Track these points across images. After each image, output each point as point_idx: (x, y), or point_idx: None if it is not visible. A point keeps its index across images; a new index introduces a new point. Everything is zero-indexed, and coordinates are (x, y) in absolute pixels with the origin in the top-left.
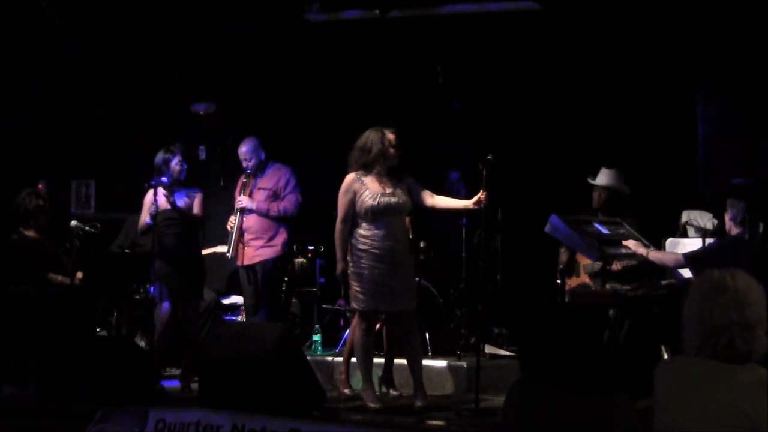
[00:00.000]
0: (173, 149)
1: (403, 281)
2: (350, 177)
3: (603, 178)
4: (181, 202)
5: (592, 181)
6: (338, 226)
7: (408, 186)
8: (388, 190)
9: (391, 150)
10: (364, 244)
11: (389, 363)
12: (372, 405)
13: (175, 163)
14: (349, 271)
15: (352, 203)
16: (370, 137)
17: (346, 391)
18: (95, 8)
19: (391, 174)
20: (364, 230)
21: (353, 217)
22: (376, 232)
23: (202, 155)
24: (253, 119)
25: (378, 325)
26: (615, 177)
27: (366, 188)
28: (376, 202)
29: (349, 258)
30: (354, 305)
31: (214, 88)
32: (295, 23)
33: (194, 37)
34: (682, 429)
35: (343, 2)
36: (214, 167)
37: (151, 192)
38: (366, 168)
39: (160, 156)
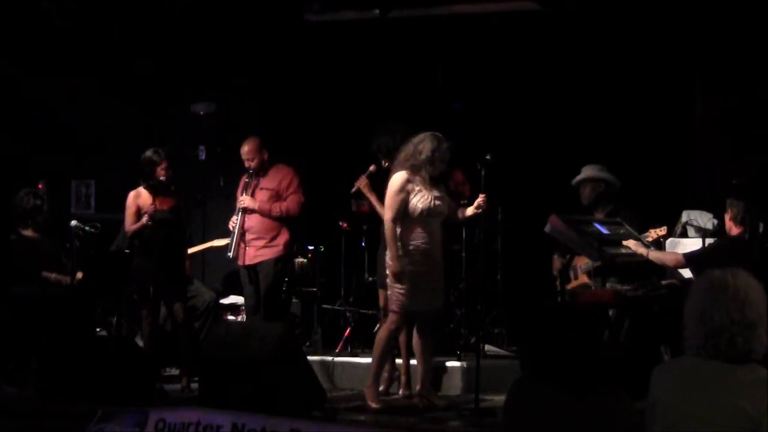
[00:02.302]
0: (161, 153)
1: (438, 281)
2: (402, 176)
3: (582, 173)
4: (167, 204)
5: (573, 182)
6: (390, 225)
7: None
8: (436, 194)
9: (442, 160)
10: (409, 244)
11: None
12: (373, 405)
13: (161, 169)
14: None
15: (405, 203)
16: (426, 141)
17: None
18: (95, 8)
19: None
20: (410, 231)
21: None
22: (422, 233)
23: (202, 155)
24: (253, 119)
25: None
26: (592, 168)
27: (418, 190)
28: (430, 205)
29: (387, 258)
30: (392, 307)
31: (214, 88)
32: (295, 23)
33: (194, 37)
34: (682, 429)
35: (343, 2)
36: (214, 167)
37: (142, 193)
38: (414, 169)
39: (147, 155)
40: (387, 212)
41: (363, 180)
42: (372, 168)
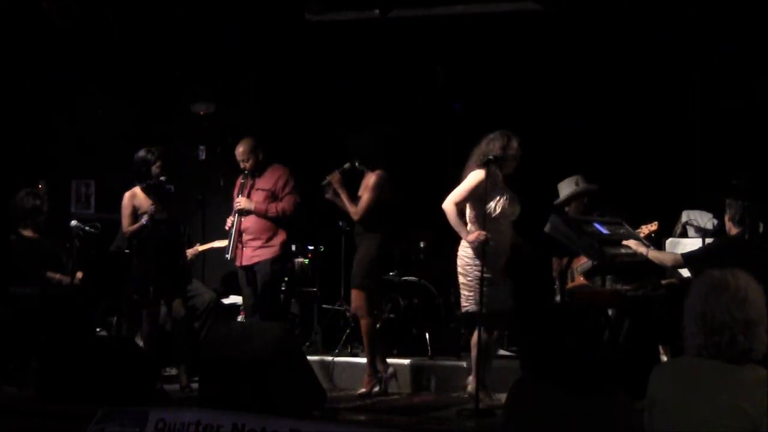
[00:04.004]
0: (154, 152)
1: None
2: (480, 175)
3: (561, 192)
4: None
5: (555, 203)
6: (452, 208)
7: None
8: (509, 195)
9: (514, 158)
10: (496, 242)
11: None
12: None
13: (157, 168)
14: (471, 273)
15: (482, 199)
16: (496, 139)
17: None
18: (95, 8)
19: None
20: (496, 231)
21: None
22: (505, 232)
23: (202, 155)
24: (253, 119)
25: (378, 324)
26: (569, 184)
27: (500, 189)
28: (505, 206)
29: (471, 258)
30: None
31: (214, 88)
32: (295, 23)
33: (194, 37)
34: (682, 429)
35: (343, 2)
36: (214, 167)
37: (138, 194)
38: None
39: (140, 155)
40: (450, 198)
41: (336, 175)
42: (346, 166)
